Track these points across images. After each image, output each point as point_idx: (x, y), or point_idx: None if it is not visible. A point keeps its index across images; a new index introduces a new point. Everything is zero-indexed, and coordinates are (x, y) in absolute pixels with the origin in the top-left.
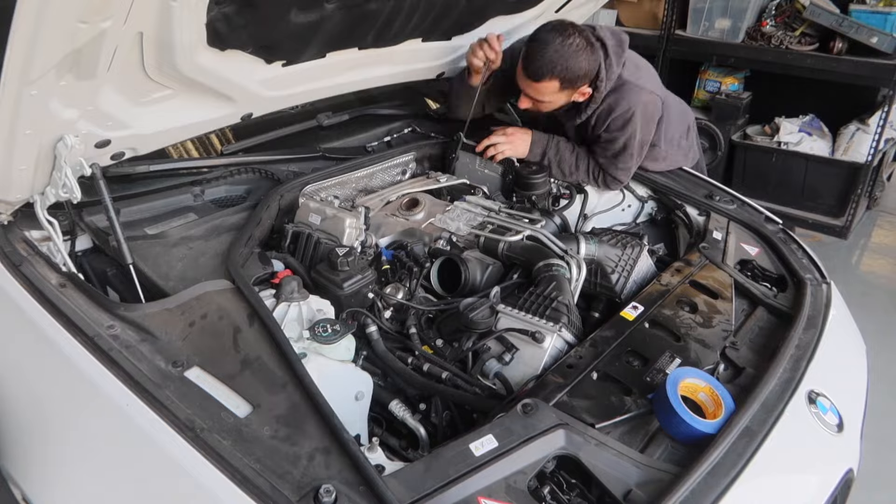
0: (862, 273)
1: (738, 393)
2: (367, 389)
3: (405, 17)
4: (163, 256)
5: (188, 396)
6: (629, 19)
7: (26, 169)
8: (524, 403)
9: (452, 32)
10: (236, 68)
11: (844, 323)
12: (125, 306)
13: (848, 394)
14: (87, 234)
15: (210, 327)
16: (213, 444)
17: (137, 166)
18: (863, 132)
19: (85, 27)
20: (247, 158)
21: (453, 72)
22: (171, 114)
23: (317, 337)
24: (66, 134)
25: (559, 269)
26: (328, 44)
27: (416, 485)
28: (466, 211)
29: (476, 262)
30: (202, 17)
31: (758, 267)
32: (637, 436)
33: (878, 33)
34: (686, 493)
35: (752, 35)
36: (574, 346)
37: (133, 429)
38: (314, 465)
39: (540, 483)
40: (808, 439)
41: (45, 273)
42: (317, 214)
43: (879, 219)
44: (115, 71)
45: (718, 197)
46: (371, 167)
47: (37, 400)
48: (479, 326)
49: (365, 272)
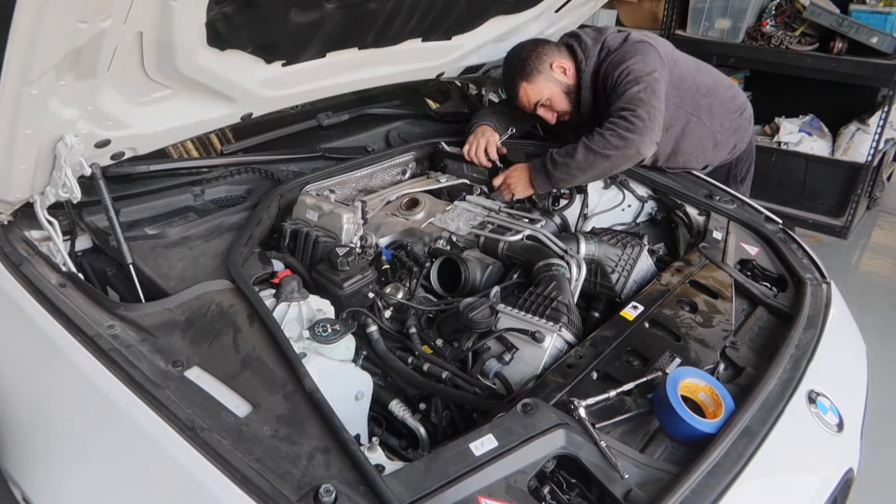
0: (862, 273)
1: (738, 392)
2: (367, 389)
3: (405, 17)
4: (163, 256)
5: (188, 396)
6: (629, 19)
7: (26, 169)
8: (524, 403)
9: (452, 32)
10: (236, 68)
11: (844, 323)
12: (125, 306)
13: (848, 394)
14: (87, 234)
15: (210, 327)
16: (213, 443)
17: (137, 166)
18: (863, 132)
19: (85, 27)
20: (247, 158)
21: (453, 72)
22: (171, 114)
23: (317, 337)
24: (66, 134)
25: (559, 269)
26: (328, 44)
27: (416, 484)
28: (466, 211)
29: (476, 262)
30: (202, 16)
31: (758, 267)
32: (637, 435)
33: (878, 33)
34: (686, 492)
35: (752, 35)
36: (574, 346)
37: (133, 429)
38: (314, 465)
39: (540, 483)
40: (808, 439)
41: (45, 273)
42: (314, 211)
43: (879, 219)
44: (115, 71)
45: (718, 197)
46: (371, 167)
47: (37, 400)
48: (479, 326)
49: (365, 272)
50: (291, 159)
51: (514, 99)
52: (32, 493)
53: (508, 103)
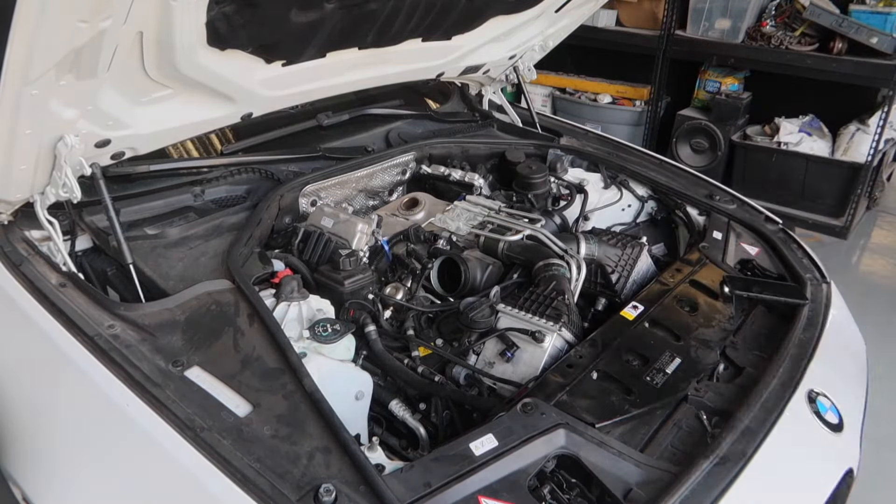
0: (862, 273)
1: (738, 393)
2: (367, 389)
3: (405, 17)
4: (163, 256)
5: (188, 396)
6: (629, 19)
7: (26, 168)
8: (524, 403)
9: (452, 32)
10: (236, 68)
11: (844, 323)
12: (125, 306)
13: (848, 393)
14: (87, 234)
15: (210, 327)
16: (214, 443)
17: (137, 166)
18: (863, 132)
19: (85, 27)
20: (247, 158)
21: (454, 72)
22: (171, 113)
23: (317, 336)
24: (66, 133)
25: (559, 269)
26: (328, 44)
27: (417, 484)
28: (466, 210)
29: (476, 262)
30: (202, 16)
31: (758, 267)
32: (637, 435)
33: (878, 33)
34: (686, 492)
35: (752, 35)
36: (574, 346)
37: (133, 428)
38: (314, 465)
39: (540, 482)
40: (808, 439)
41: (45, 273)
42: (330, 218)
43: (879, 219)
44: (115, 70)
45: (718, 197)
46: (371, 167)
47: (37, 400)
48: (479, 326)
49: (365, 272)
50: (291, 159)
51: None
52: (33, 493)
53: None
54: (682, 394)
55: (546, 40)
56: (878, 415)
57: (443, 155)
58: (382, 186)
